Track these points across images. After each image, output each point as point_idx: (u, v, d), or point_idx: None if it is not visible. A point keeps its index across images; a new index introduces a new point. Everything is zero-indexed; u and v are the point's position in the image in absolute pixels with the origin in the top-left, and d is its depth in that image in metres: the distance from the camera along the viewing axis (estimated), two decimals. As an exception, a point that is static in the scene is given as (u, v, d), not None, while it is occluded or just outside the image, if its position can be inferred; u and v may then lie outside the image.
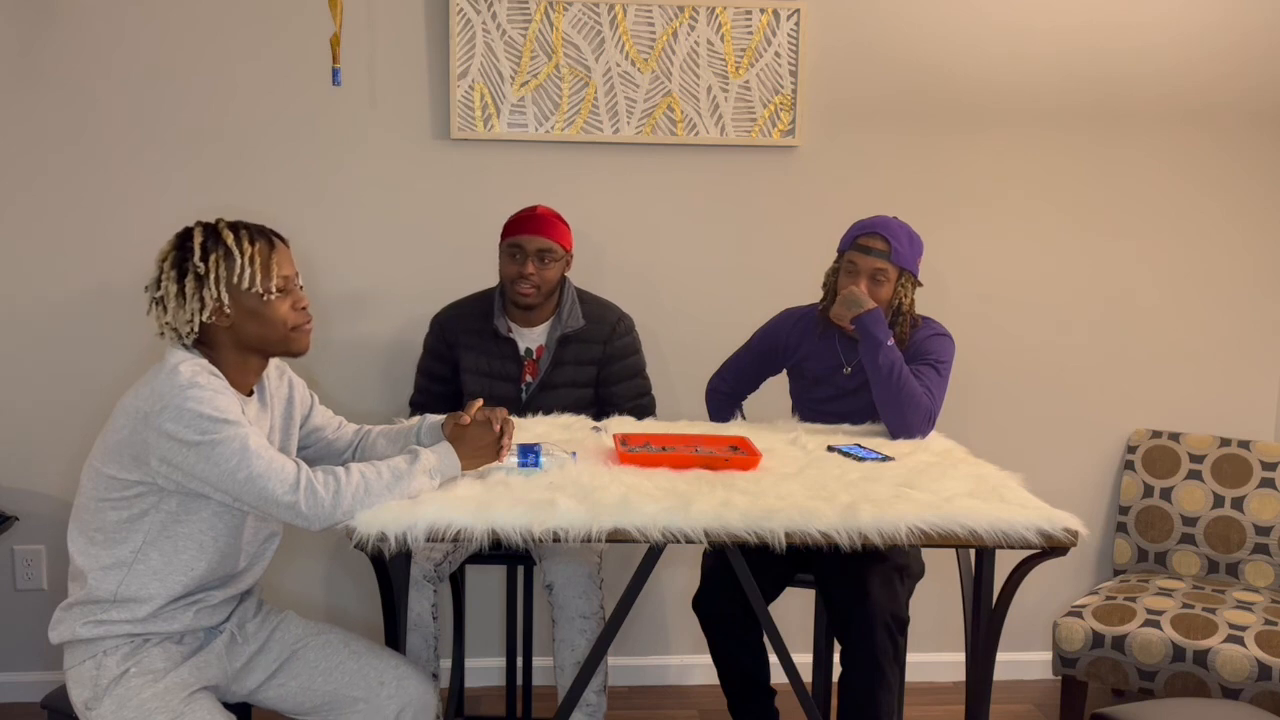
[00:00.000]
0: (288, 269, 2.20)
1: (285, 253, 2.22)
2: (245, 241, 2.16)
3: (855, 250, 2.86)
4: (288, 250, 2.23)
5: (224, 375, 2.17)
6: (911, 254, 2.87)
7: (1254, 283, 3.68)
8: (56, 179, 3.30)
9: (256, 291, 2.15)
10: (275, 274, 2.17)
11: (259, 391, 2.29)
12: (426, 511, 2.08)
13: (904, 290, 2.87)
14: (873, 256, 2.84)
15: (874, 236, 2.85)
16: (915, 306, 2.92)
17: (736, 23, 3.39)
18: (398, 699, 2.27)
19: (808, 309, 3.06)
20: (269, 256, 2.17)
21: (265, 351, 2.22)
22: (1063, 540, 2.16)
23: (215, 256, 2.14)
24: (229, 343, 2.18)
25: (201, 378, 2.09)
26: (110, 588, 2.13)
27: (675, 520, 2.09)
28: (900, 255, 2.84)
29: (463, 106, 3.35)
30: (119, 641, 2.14)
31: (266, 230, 2.22)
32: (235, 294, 2.15)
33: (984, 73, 3.51)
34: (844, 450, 2.58)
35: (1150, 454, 3.60)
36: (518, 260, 2.98)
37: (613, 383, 3.09)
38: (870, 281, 2.84)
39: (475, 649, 3.54)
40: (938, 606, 3.57)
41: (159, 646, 2.16)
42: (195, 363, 2.13)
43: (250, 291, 2.15)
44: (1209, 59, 3.55)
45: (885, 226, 2.87)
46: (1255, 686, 2.93)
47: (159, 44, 3.29)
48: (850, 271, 2.87)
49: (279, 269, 2.18)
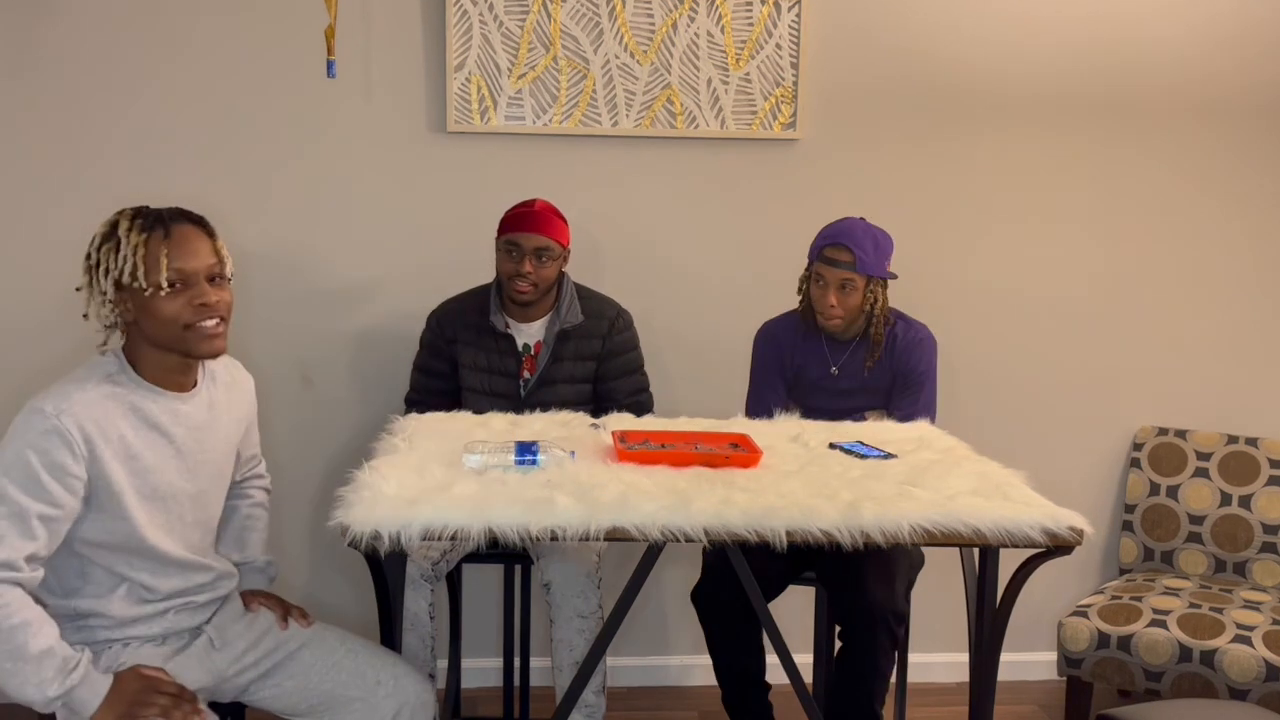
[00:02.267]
0: (188, 262, 2.04)
1: (191, 245, 2.05)
2: (135, 231, 2.02)
3: (821, 262, 2.89)
4: (204, 241, 2.07)
5: (143, 374, 2.09)
6: (878, 259, 2.88)
7: (1261, 278, 3.64)
8: (50, 174, 3.27)
9: (140, 286, 2.01)
10: (165, 267, 2.01)
11: (207, 390, 2.21)
12: (423, 511, 2.04)
13: (874, 295, 2.91)
14: (839, 268, 2.86)
15: (838, 248, 2.87)
16: (888, 305, 2.95)
17: (737, 14, 3.35)
18: (395, 699, 2.24)
19: (783, 318, 3.07)
20: (158, 248, 2.01)
21: (173, 350, 2.09)
22: (1068, 539, 2.13)
23: (106, 247, 2.04)
24: (139, 338, 2.09)
25: (58, 433, 1.95)
26: (69, 609, 2.10)
27: (675, 518, 2.06)
28: (865, 264, 2.85)
29: (459, 99, 3.31)
30: (99, 647, 2.12)
31: (175, 217, 2.07)
32: (121, 288, 2.03)
33: (986, 66, 3.48)
34: (846, 448, 2.55)
35: (1156, 451, 3.56)
36: (514, 258, 2.95)
37: (611, 378, 3.07)
38: (838, 291, 2.88)
39: (472, 649, 3.51)
40: (941, 606, 3.53)
41: (141, 649, 2.14)
42: (79, 396, 2.00)
43: (134, 286, 2.02)
44: (1215, 52, 3.52)
45: (849, 235, 2.87)
46: (1263, 687, 2.90)
47: (151, 36, 3.26)
48: (819, 283, 2.90)
49: (171, 262, 2.02)
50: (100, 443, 2.01)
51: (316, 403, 3.45)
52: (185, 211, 2.12)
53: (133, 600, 2.12)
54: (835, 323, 2.90)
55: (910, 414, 2.88)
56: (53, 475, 1.96)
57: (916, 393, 2.94)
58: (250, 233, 3.29)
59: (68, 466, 1.97)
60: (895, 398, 2.96)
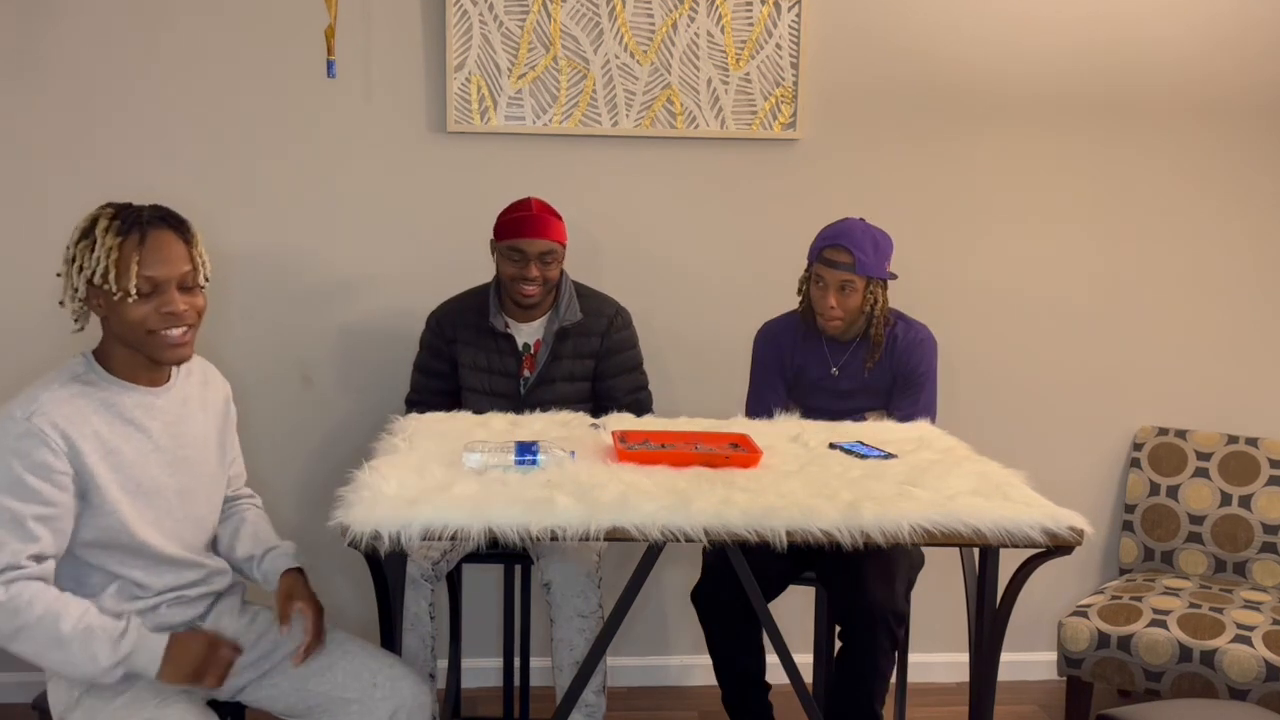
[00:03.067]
0: (159, 270, 2.03)
1: (164, 252, 2.04)
2: (111, 234, 2.02)
3: (821, 264, 2.88)
4: (179, 247, 2.06)
5: (115, 370, 2.10)
6: (877, 261, 2.87)
7: (1262, 278, 3.64)
8: (50, 174, 3.27)
9: (110, 289, 2.01)
10: (135, 274, 2.00)
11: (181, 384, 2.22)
12: (423, 511, 2.04)
13: (874, 295, 2.90)
14: (839, 270, 2.85)
15: (838, 250, 2.86)
16: (889, 305, 2.95)
17: (737, 14, 3.35)
18: (391, 700, 2.23)
19: (784, 318, 3.07)
20: (131, 253, 2.01)
21: (139, 352, 2.10)
22: (1068, 539, 2.13)
23: (83, 244, 2.04)
24: (110, 334, 2.10)
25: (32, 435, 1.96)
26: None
27: (675, 518, 2.06)
28: (865, 265, 2.84)
29: (459, 99, 3.31)
30: None
31: (153, 221, 2.06)
32: (92, 287, 2.04)
33: (987, 66, 3.48)
34: (846, 447, 2.54)
35: (1157, 451, 3.56)
36: (519, 263, 2.94)
37: (610, 376, 3.07)
38: (838, 293, 2.87)
39: (472, 649, 3.50)
40: (941, 606, 3.53)
41: None
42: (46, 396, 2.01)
43: (103, 288, 2.02)
44: (1215, 52, 3.52)
45: (849, 237, 2.86)
46: (1263, 687, 2.90)
47: (151, 36, 3.25)
48: (819, 284, 2.89)
49: (143, 269, 2.01)
50: (76, 438, 2.01)
51: (316, 402, 3.45)
52: (166, 214, 2.10)
53: (123, 597, 2.12)
54: (835, 324, 2.90)
55: (910, 414, 2.88)
56: (39, 476, 1.96)
57: (917, 393, 2.94)
58: (250, 232, 3.29)
59: (51, 464, 1.98)
60: (896, 398, 2.96)
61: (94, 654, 1.97)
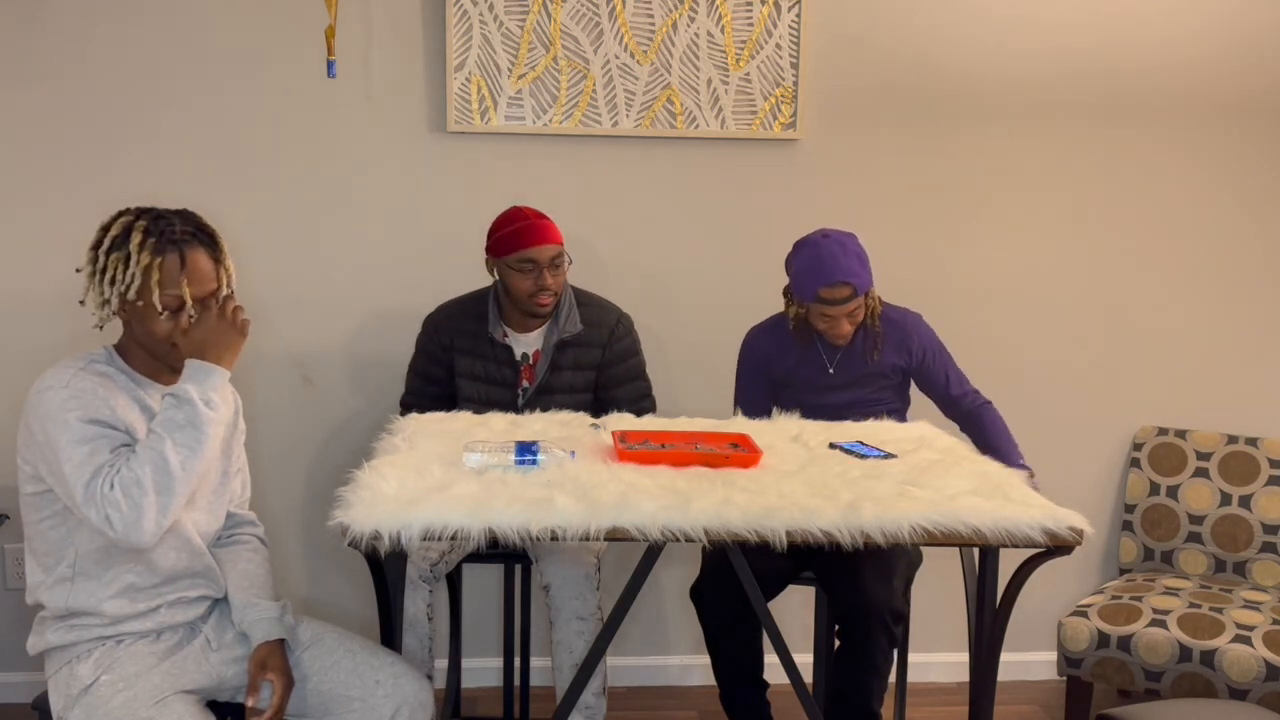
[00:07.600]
0: (191, 290, 2.09)
1: (198, 272, 2.09)
2: (147, 251, 2.06)
3: (822, 304, 2.84)
4: (210, 265, 2.11)
5: (134, 366, 2.14)
6: (867, 275, 2.87)
7: (1261, 278, 3.64)
8: (50, 174, 3.27)
9: (140, 303, 2.08)
10: (163, 291, 2.07)
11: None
12: (422, 511, 2.04)
13: (872, 298, 2.94)
14: (844, 304, 2.84)
15: (838, 287, 2.82)
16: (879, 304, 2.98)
17: (737, 14, 3.35)
18: (393, 698, 2.23)
19: (771, 322, 3.06)
20: (163, 273, 2.06)
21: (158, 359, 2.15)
22: (1068, 539, 2.13)
23: (116, 256, 2.08)
24: (132, 336, 2.15)
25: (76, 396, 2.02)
26: (60, 603, 2.12)
27: (675, 519, 2.06)
28: (862, 284, 2.85)
29: (459, 99, 3.31)
30: (91, 645, 2.13)
31: (188, 239, 2.10)
32: (121, 298, 2.09)
33: (988, 67, 3.48)
34: (846, 447, 2.54)
35: (1156, 451, 3.56)
36: (533, 274, 2.87)
37: (613, 385, 3.05)
38: (848, 319, 2.88)
39: (472, 649, 3.51)
40: (941, 606, 3.53)
41: (134, 646, 2.14)
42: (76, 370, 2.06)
43: (133, 300, 2.08)
44: (1216, 54, 3.52)
45: (842, 270, 2.81)
46: (1263, 687, 2.90)
47: (150, 36, 3.25)
48: (825, 319, 2.87)
49: (170, 288, 2.07)
50: (115, 406, 2.07)
51: (316, 402, 3.44)
52: (198, 229, 2.14)
53: (125, 599, 2.13)
54: (847, 340, 2.92)
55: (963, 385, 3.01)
56: (98, 421, 2.03)
57: (947, 367, 3.01)
58: (250, 232, 3.29)
59: (101, 412, 2.04)
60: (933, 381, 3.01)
61: (193, 433, 2.02)
